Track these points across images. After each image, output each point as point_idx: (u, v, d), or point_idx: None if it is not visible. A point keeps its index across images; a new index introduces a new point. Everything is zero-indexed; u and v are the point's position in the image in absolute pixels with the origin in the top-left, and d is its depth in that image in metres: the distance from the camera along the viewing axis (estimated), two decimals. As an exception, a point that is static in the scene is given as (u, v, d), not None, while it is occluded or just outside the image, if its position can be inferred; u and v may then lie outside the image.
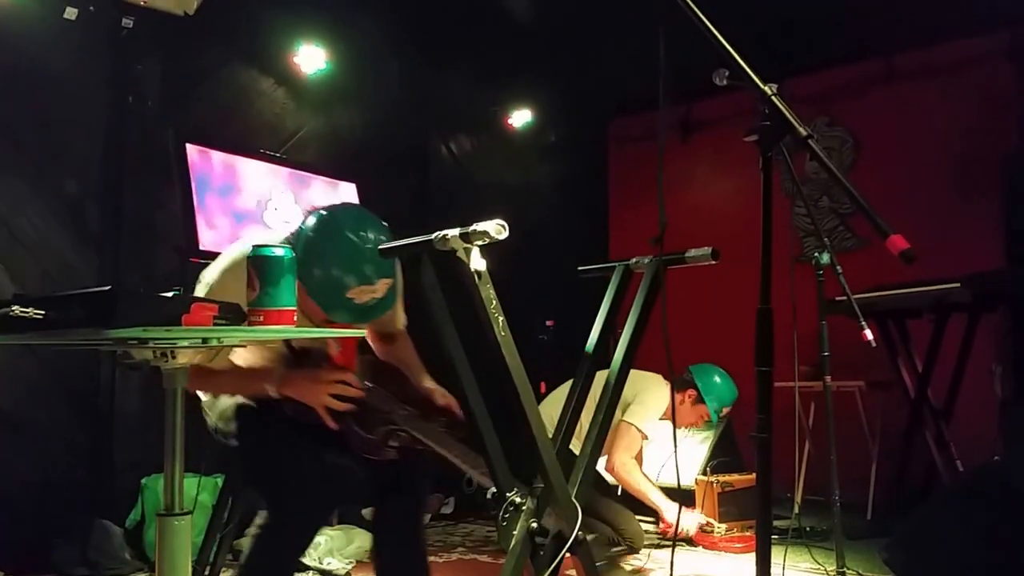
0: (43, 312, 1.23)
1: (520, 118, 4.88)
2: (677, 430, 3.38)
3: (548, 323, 4.60)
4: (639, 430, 3.15)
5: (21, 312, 1.22)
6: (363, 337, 2.00)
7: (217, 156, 3.09)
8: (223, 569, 2.11)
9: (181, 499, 1.25)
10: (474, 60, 4.34)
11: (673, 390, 3.22)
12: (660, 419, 3.23)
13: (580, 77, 4.65)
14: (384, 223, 1.76)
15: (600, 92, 4.93)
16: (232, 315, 1.25)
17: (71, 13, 3.09)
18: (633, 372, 3.13)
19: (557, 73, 4.58)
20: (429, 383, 1.95)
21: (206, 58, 3.56)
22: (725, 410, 3.35)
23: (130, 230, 3.18)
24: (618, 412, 3.07)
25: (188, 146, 2.89)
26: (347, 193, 3.85)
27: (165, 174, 3.08)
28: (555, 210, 5.07)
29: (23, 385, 2.91)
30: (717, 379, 3.33)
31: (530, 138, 5.02)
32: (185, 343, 1.24)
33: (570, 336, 3.27)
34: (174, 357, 1.26)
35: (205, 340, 1.25)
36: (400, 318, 2.02)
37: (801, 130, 1.16)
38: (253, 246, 1.35)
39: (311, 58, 3.80)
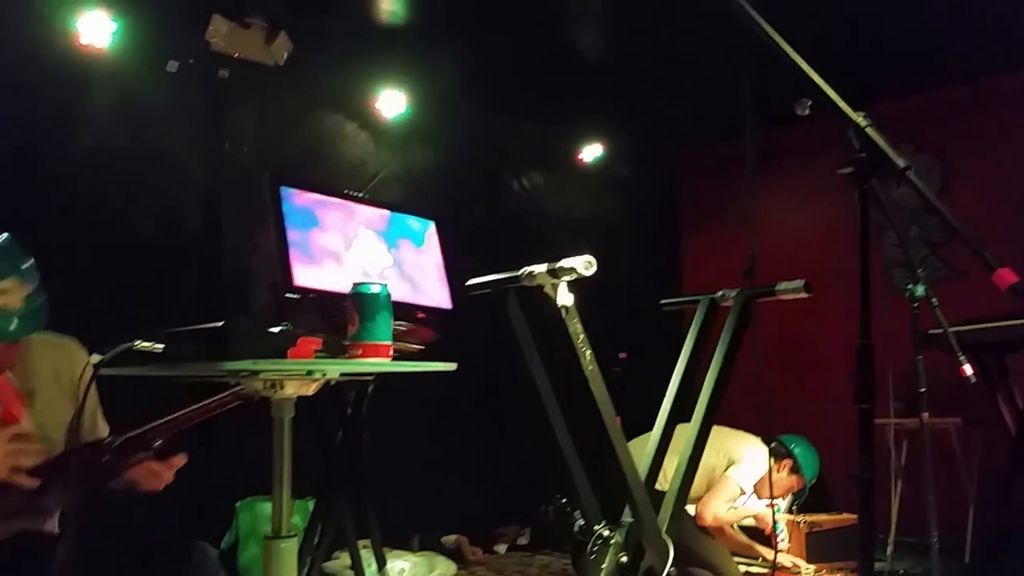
0: (162, 346, 1.32)
1: (591, 153, 4.92)
2: (769, 499, 3.29)
3: (621, 355, 4.56)
4: (741, 487, 3.14)
5: (143, 346, 1.32)
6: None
7: (306, 197, 3.22)
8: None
9: (288, 523, 1.30)
10: (545, 98, 4.42)
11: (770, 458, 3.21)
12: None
13: (650, 111, 4.66)
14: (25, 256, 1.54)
15: (670, 124, 4.93)
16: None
17: (172, 66, 3.32)
18: (737, 432, 3.15)
19: (627, 108, 4.61)
20: None
21: (295, 105, 3.76)
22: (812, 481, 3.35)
23: (230, 269, 3.38)
24: (722, 465, 3.11)
25: (281, 188, 3.03)
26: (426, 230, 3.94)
27: (259, 215, 3.25)
28: (627, 243, 5.06)
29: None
30: (810, 451, 3.31)
31: (601, 172, 5.05)
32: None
33: (643, 368, 3.24)
34: (282, 387, 1.33)
35: (310, 372, 1.32)
36: (97, 422, 1.80)
37: (899, 162, 1.14)
38: (353, 284, 1.42)
39: (392, 102, 3.96)
